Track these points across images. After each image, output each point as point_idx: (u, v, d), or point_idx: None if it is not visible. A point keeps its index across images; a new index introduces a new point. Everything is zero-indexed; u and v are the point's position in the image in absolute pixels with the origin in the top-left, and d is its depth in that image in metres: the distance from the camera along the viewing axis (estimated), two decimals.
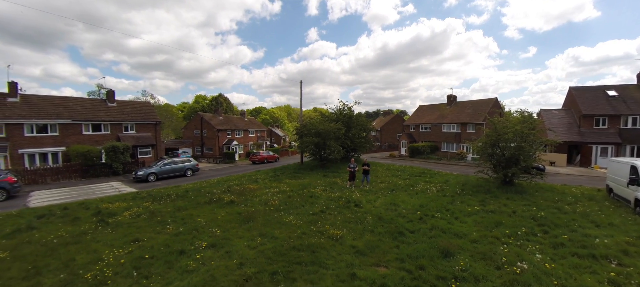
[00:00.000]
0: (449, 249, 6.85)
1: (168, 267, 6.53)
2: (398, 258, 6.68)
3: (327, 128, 23.68)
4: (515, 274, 5.67)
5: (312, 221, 9.57)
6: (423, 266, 6.16)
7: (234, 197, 13.10)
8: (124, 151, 24.56)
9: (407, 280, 5.66)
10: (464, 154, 34.65)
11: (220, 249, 7.45)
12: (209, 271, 6.17)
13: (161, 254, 7.18)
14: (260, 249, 7.29)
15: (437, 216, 9.78)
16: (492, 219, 9.36)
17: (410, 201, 12.04)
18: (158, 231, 9.02)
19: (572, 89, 32.89)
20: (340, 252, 7.08)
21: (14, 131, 24.64)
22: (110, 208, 11.76)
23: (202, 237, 8.26)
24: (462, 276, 5.68)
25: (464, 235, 7.99)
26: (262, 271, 6.10)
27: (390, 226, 8.84)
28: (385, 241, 7.71)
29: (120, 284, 5.85)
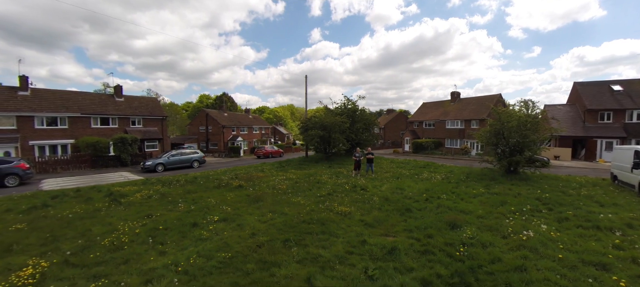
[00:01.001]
0: (456, 222, 7.01)
1: (182, 236, 6.77)
2: (406, 229, 6.86)
3: (332, 121, 23.87)
4: (521, 241, 5.83)
5: (320, 201, 9.77)
6: (431, 235, 6.34)
7: (242, 183, 13.35)
8: (132, 143, 24.96)
9: (416, 246, 5.85)
10: (468, 149, 34.65)
11: (231, 222, 7.68)
12: (223, 239, 6.39)
13: (174, 226, 7.43)
14: (271, 223, 7.51)
15: (442, 198, 9.94)
16: (497, 199, 9.51)
17: (415, 186, 12.20)
18: (170, 209, 9.27)
19: (577, 84, 32.78)
20: (349, 225, 7.27)
21: (25, 123, 25.16)
22: (122, 191, 12.06)
23: (213, 213, 8.50)
24: (469, 242, 5.85)
25: (469, 212, 8.15)
26: (274, 239, 6.32)
27: (397, 205, 9.02)
28: (392, 217, 7.90)
29: (136, 248, 6.09)
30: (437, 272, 4.65)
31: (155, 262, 5.35)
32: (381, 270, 4.77)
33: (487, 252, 5.38)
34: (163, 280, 4.62)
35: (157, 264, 5.22)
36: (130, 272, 4.97)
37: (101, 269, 5.12)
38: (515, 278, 4.32)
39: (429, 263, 5.03)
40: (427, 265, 4.97)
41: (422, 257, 5.35)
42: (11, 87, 27.41)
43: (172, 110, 69.31)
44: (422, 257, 5.34)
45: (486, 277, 4.46)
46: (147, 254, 5.74)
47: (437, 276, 4.54)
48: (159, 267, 5.08)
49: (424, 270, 4.76)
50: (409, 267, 4.90)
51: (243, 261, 5.27)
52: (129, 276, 4.82)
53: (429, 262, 5.10)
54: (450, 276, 4.54)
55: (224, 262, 5.22)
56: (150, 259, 5.53)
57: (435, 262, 5.04)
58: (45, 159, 23.64)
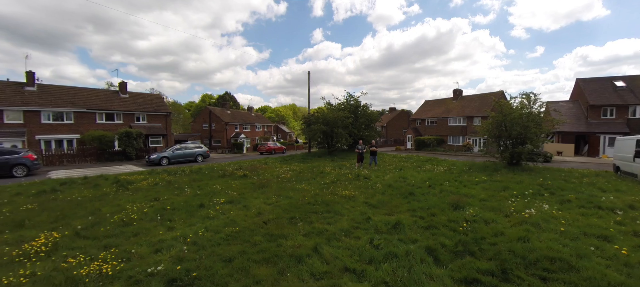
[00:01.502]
0: (459, 203, 7.10)
1: (189, 215, 6.90)
2: (409, 209, 6.96)
3: (335, 115, 23.98)
4: (523, 218, 5.91)
5: (324, 187, 9.89)
6: (434, 214, 6.43)
7: (246, 172, 13.50)
8: (137, 137, 25.22)
9: (419, 222, 5.95)
10: (470, 145, 34.64)
11: (237, 204, 7.81)
12: (229, 218, 6.51)
13: (181, 207, 7.57)
14: (276, 204, 7.63)
15: (445, 184, 10.02)
16: (499, 185, 9.58)
17: (418, 176, 12.28)
18: (176, 193, 9.42)
19: (579, 80, 32.67)
20: (353, 206, 7.38)
21: (32, 118, 25.49)
22: (129, 179, 12.23)
23: (219, 196, 8.63)
24: (472, 219, 5.93)
25: (472, 196, 8.23)
26: (280, 217, 6.43)
27: (400, 190, 9.12)
28: (396, 199, 7.99)
29: (145, 225, 6.22)
30: (441, 242, 4.75)
31: (164, 235, 5.48)
32: (386, 241, 4.88)
33: (489, 227, 5.47)
34: (172, 249, 4.75)
35: (165, 237, 5.36)
36: (140, 243, 5.10)
37: (112, 241, 5.26)
38: (518, 247, 4.41)
39: (432, 236, 5.13)
40: (431, 237, 5.07)
41: (425, 231, 5.45)
42: (18, 83, 27.74)
43: (175, 109, 69.78)
44: (426, 231, 5.44)
45: (489, 247, 4.55)
46: (156, 229, 5.88)
47: (441, 246, 4.64)
48: (167, 239, 5.21)
49: (428, 241, 4.86)
50: (413, 239, 5.00)
51: (250, 234, 5.39)
52: (139, 246, 4.96)
53: (432, 235, 5.20)
54: (454, 245, 4.64)
55: (232, 236, 5.34)
56: (159, 233, 5.66)
57: (438, 235, 5.14)
58: (51, 152, 23.94)
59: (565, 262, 3.91)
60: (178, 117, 66.51)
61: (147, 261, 4.30)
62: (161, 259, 4.36)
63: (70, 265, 4.18)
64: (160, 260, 4.30)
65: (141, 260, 4.38)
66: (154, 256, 4.55)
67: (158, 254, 4.61)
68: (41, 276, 3.91)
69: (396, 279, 3.61)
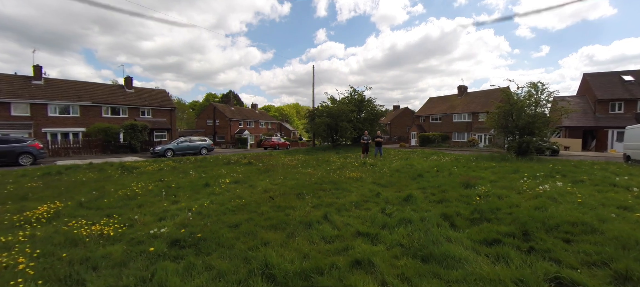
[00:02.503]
0: (469, 182, 6.92)
1: (195, 192, 6.81)
2: (419, 187, 6.80)
3: (339, 109, 23.82)
4: (537, 193, 5.72)
5: (331, 171, 9.74)
6: (446, 190, 6.27)
7: (251, 160, 13.42)
8: (142, 130, 25.27)
9: (431, 198, 5.79)
10: (476, 141, 34.27)
11: (243, 184, 7.70)
12: (235, 194, 6.40)
13: (187, 186, 7.48)
14: (283, 184, 7.50)
15: (453, 169, 9.82)
16: (509, 168, 9.38)
17: (425, 163, 12.10)
18: (181, 176, 9.34)
19: (587, 75, 32.20)
20: (362, 185, 7.24)
21: (39, 111, 25.67)
22: (134, 165, 12.20)
23: (225, 178, 8.53)
24: (485, 195, 5.75)
25: (482, 177, 8.02)
26: (287, 193, 6.31)
27: (408, 173, 8.95)
28: (405, 180, 7.83)
29: (150, 199, 6.14)
30: (456, 211, 4.59)
31: (168, 207, 5.39)
32: (399, 210, 4.73)
33: (503, 201, 5.29)
34: (177, 217, 4.64)
35: (170, 208, 5.27)
36: (144, 213, 5.02)
37: (115, 210, 5.17)
38: (537, 215, 4.24)
39: (446, 207, 4.97)
40: (444, 208, 4.91)
41: (438, 204, 5.29)
42: (25, 77, 27.96)
43: (179, 107, 70.38)
44: (439, 204, 5.28)
45: (506, 216, 4.37)
46: (160, 203, 5.79)
47: (457, 214, 4.48)
48: (172, 210, 5.12)
49: (442, 210, 4.70)
50: (426, 209, 4.85)
51: (257, 206, 5.28)
52: (143, 215, 4.86)
53: (446, 207, 5.03)
54: (470, 214, 4.48)
55: (238, 207, 5.23)
56: (163, 205, 5.58)
57: (452, 206, 4.98)
58: (57, 144, 24.05)
59: (588, 225, 3.73)
60: (182, 115, 66.95)
61: (151, 227, 4.20)
62: (165, 225, 4.26)
63: (70, 228, 4.08)
64: (165, 226, 4.20)
65: (144, 226, 4.28)
66: (157, 223, 4.45)
67: (162, 222, 4.50)
68: (41, 236, 3.82)
69: (412, 242, 3.46)
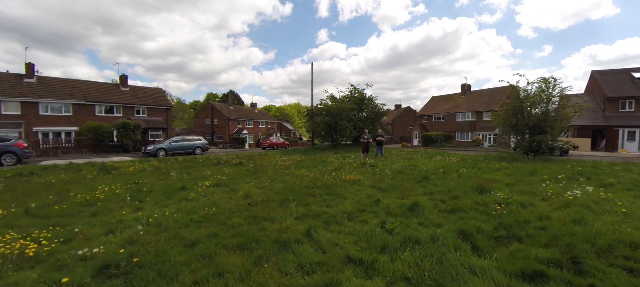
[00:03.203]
0: (483, 186, 6.00)
1: (166, 197, 5.93)
2: (426, 193, 5.88)
3: (339, 106, 22.89)
4: (567, 200, 4.80)
5: (326, 173, 8.84)
6: (457, 197, 5.34)
7: (242, 160, 12.52)
8: (135, 129, 24.40)
9: (441, 206, 4.88)
10: (480, 141, 33.26)
11: (225, 187, 6.81)
12: (211, 200, 5.52)
13: (160, 189, 6.61)
14: (269, 188, 6.61)
15: (462, 171, 8.89)
16: (524, 169, 8.44)
17: (430, 164, 11.17)
18: (161, 178, 8.46)
19: (595, 72, 31.11)
20: (359, 189, 6.33)
21: (29, 110, 24.89)
22: (115, 165, 11.35)
23: (206, 180, 7.64)
24: (504, 202, 4.84)
25: (496, 180, 7.10)
26: (270, 199, 5.41)
27: (412, 175, 8.03)
28: (408, 184, 6.91)
29: (110, 205, 5.28)
30: (476, 226, 3.66)
31: (126, 215, 4.53)
32: (403, 225, 3.81)
33: (529, 210, 4.38)
34: (128, 230, 3.77)
35: (127, 217, 4.40)
36: (94, 223, 4.16)
37: (63, 220, 4.31)
38: (578, 231, 3.32)
39: (461, 220, 4.05)
40: (459, 221, 4.00)
41: (450, 215, 4.38)
42: (17, 75, 27.23)
43: (180, 107, 70.07)
44: (451, 215, 4.37)
45: (538, 232, 3.46)
46: (121, 210, 4.93)
47: (477, 230, 3.55)
48: (128, 220, 4.25)
49: (457, 224, 3.79)
50: (436, 223, 3.94)
51: (229, 216, 4.39)
52: (91, 226, 4.01)
53: (460, 219, 4.12)
54: (494, 230, 3.56)
55: (207, 217, 4.34)
56: (122, 213, 4.71)
57: (469, 219, 4.06)
58: (49, 144, 23.27)
59: None
60: (183, 115, 66.42)
61: (93, 242, 3.32)
62: (108, 241, 3.38)
63: None
64: (107, 242, 3.32)
65: (86, 241, 3.40)
66: (103, 237, 3.58)
67: (109, 236, 3.64)
68: None
69: (422, 274, 2.55)
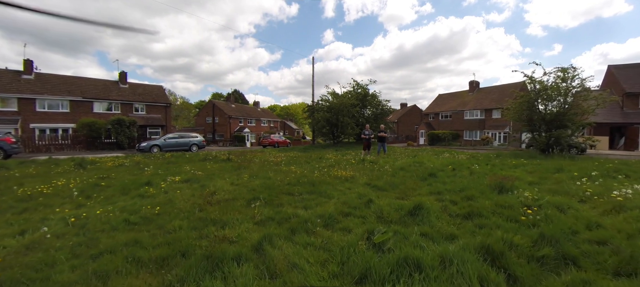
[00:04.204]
0: (504, 185, 4.89)
1: (122, 193, 4.99)
2: (432, 193, 4.79)
3: (340, 102, 21.80)
4: (616, 202, 3.68)
5: (317, 169, 7.80)
6: (472, 197, 4.25)
7: (231, 157, 11.55)
8: (130, 126, 23.71)
9: (452, 208, 3.80)
10: (489, 139, 31.82)
11: (194, 183, 5.84)
12: (169, 197, 4.54)
13: (121, 185, 5.66)
14: (244, 185, 5.59)
15: (474, 167, 7.77)
16: (548, 166, 7.27)
17: (437, 161, 10.03)
18: (135, 173, 7.54)
19: (612, 67, 29.53)
20: (350, 187, 5.28)
21: (26, 106, 24.45)
22: (95, 160, 10.50)
23: (179, 176, 6.68)
24: (534, 204, 3.75)
25: (516, 178, 5.97)
26: (237, 198, 4.41)
27: (416, 172, 6.92)
28: (411, 181, 5.83)
29: (51, 200, 4.41)
30: (507, 239, 2.56)
31: (56, 215, 3.60)
32: (398, 236, 2.76)
33: (571, 216, 3.29)
34: (37, 232, 2.82)
35: (55, 216, 3.47)
36: (14, 221, 3.32)
37: None
38: None
39: (480, 229, 2.99)
40: (478, 231, 2.93)
41: (466, 221, 3.31)
42: (15, 71, 26.87)
43: (185, 107, 70.40)
44: (467, 221, 3.31)
45: (596, 248, 2.39)
46: (58, 207, 4.04)
47: (509, 246, 2.46)
48: (54, 219, 3.36)
49: (477, 237, 2.71)
50: (447, 234, 2.87)
51: (173, 217, 3.42)
52: (8, 225, 3.12)
53: (480, 227, 3.05)
54: (534, 245, 2.48)
55: (146, 218, 3.38)
56: (55, 210, 3.81)
57: (492, 227, 2.98)
58: (45, 141, 22.75)
59: None
60: (188, 115, 66.44)
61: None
62: (8, 244, 2.45)
63: None
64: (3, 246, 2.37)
65: None
66: (8, 238, 2.68)
67: (17, 237, 2.74)
68: None
69: None
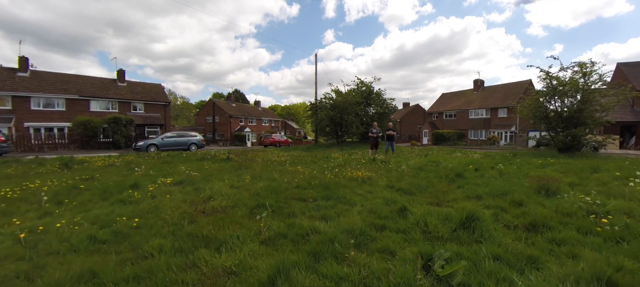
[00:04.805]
0: (549, 187, 4.16)
1: (102, 198, 4.24)
2: (468, 197, 4.05)
3: (344, 100, 21.04)
4: None
5: (327, 169, 7.05)
6: (521, 202, 3.51)
7: (231, 156, 10.80)
8: (127, 124, 22.95)
9: (504, 217, 3.06)
10: (496, 139, 31.05)
11: (187, 186, 5.09)
12: (153, 204, 3.79)
13: (103, 187, 4.90)
14: (246, 188, 4.86)
15: (498, 167, 7.02)
16: (581, 166, 6.51)
17: (453, 160, 9.27)
18: (124, 174, 6.79)
19: (621, 65, 28.79)
20: (370, 190, 4.54)
21: (21, 104, 23.76)
22: (85, 160, 9.77)
23: (172, 177, 5.94)
24: (602, 210, 3.01)
25: (553, 179, 5.21)
26: (238, 205, 3.66)
27: (439, 172, 6.17)
28: (439, 183, 5.08)
29: (13, 208, 3.64)
30: (613, 263, 1.82)
31: (13, 225, 2.85)
32: (468, 263, 2.01)
33: None
34: None
35: (5, 229, 2.73)
36: None
37: None
38: None
39: (559, 247, 2.26)
40: (558, 250, 2.19)
41: (531, 235, 2.58)
42: (10, 69, 26.19)
43: (186, 107, 70.10)
44: (533, 235, 2.58)
45: None
46: (22, 214, 3.33)
47: (616, 269, 1.73)
48: (2, 233, 2.57)
49: (576, 264, 1.95)
50: (525, 256, 2.10)
51: (155, 233, 2.67)
52: None
53: (556, 244, 2.33)
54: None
55: (120, 234, 2.65)
56: (12, 220, 3.07)
57: (574, 245, 2.25)
58: (40, 140, 22.03)
59: None
60: (188, 115, 65.97)
61: None
62: None
63: None
64: None
65: None
66: None
67: None
68: None
69: None
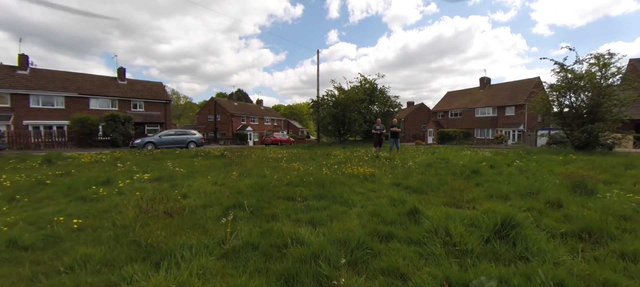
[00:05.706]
0: (586, 184, 3.50)
1: (64, 195, 3.68)
2: (490, 196, 3.41)
3: (347, 97, 20.36)
4: None
5: (325, 166, 6.44)
6: (559, 202, 2.86)
7: (226, 153, 10.21)
8: (125, 122, 22.48)
9: (545, 221, 2.43)
10: (504, 137, 30.18)
11: (165, 183, 4.51)
12: (113, 203, 3.20)
13: (69, 183, 4.34)
14: (228, 185, 4.25)
15: (516, 164, 6.35)
16: (612, 162, 5.83)
17: (464, 158, 8.60)
18: (105, 170, 6.21)
19: (634, 60, 27.80)
20: (373, 189, 3.92)
21: (20, 102, 23.49)
22: (73, 156, 9.26)
23: (152, 172, 5.34)
24: None
25: (581, 176, 4.56)
26: (211, 205, 3.06)
27: (449, 170, 5.52)
28: (453, 180, 4.42)
29: None
30: None
31: None
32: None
33: None
34: None
35: None
36: None
37: None
38: None
39: (636, 264, 1.61)
40: (636, 268, 1.56)
41: (588, 246, 1.93)
42: (10, 66, 26.00)
43: (189, 107, 70.62)
44: (590, 246, 1.93)
45: None
46: None
47: None
48: None
49: None
50: (598, 281, 1.47)
51: (91, 239, 2.07)
52: None
53: (631, 261, 1.68)
54: None
55: (51, 238, 2.12)
56: None
57: None
58: (40, 138, 21.69)
59: None
60: (191, 114, 66.22)
61: None
62: None
63: None
64: None
65: None
66: None
67: None
68: None
69: None
